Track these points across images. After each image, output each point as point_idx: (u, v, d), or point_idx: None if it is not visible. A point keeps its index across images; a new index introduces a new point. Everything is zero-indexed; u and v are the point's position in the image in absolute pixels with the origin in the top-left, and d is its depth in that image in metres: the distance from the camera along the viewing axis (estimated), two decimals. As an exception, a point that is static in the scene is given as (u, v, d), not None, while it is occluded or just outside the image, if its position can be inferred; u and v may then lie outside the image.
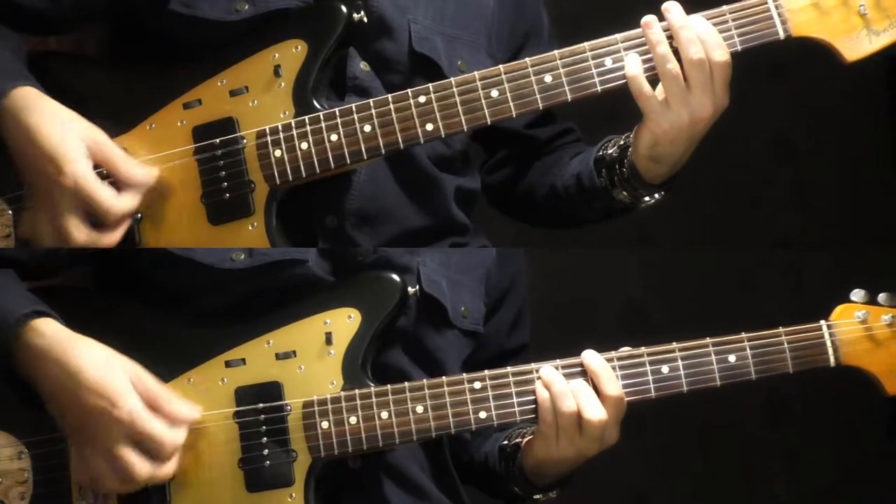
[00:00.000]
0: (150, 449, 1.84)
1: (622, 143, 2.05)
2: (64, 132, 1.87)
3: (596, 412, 1.91)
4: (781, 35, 1.94)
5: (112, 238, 1.90)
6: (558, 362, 1.94)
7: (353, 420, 1.90)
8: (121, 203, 1.89)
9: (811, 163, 3.69)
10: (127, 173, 1.90)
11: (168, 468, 1.86)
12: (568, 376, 1.93)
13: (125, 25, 2.05)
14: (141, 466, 1.84)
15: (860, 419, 3.44)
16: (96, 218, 1.88)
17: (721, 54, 1.92)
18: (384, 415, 1.90)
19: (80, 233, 1.87)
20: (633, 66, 1.93)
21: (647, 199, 2.07)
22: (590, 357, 1.94)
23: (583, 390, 1.92)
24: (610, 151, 2.07)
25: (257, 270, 1.94)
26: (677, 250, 3.47)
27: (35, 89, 1.90)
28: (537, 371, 1.93)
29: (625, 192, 2.06)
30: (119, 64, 2.06)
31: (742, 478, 3.59)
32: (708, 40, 1.91)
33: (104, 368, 1.84)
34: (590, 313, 3.39)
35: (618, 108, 1.99)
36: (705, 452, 3.53)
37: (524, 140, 2.23)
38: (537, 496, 2.04)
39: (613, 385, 1.92)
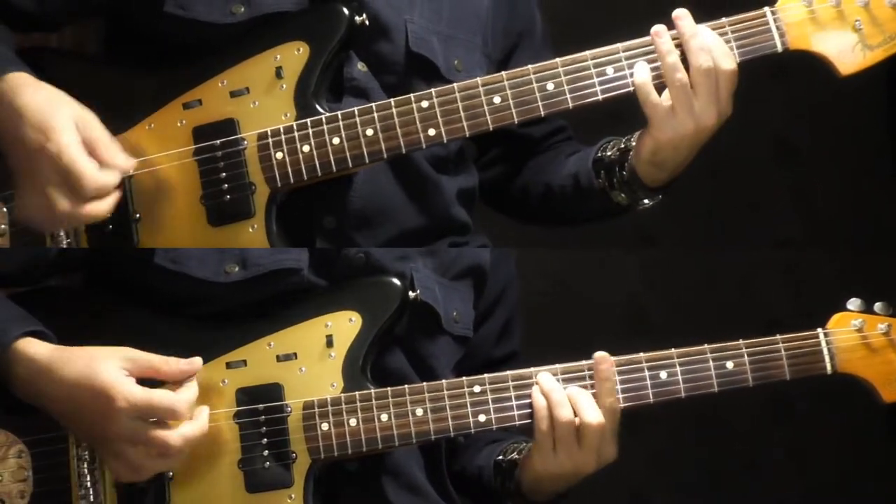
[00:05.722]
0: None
1: (622, 145, 2.06)
2: (54, 107, 1.84)
3: (594, 415, 1.92)
4: (780, 48, 1.96)
5: (95, 209, 1.84)
6: (557, 367, 1.95)
7: (352, 422, 1.91)
8: (100, 176, 1.84)
9: (811, 163, 3.68)
10: (107, 154, 1.85)
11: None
12: (567, 381, 1.94)
13: (122, 25, 2.05)
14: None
15: (863, 418, 3.44)
16: (78, 190, 1.83)
17: (729, 63, 1.94)
18: (384, 417, 1.91)
19: (63, 202, 1.82)
20: (642, 74, 1.94)
21: (645, 201, 2.08)
22: (601, 364, 1.94)
23: (580, 395, 1.93)
24: (609, 153, 2.08)
25: (252, 282, 1.94)
26: (678, 251, 3.47)
27: (28, 74, 1.88)
28: (536, 376, 1.94)
29: (623, 195, 2.07)
30: (118, 63, 2.05)
31: (745, 478, 3.59)
32: (716, 49, 1.93)
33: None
34: (590, 313, 3.39)
35: (621, 109, 2.00)
36: (707, 452, 3.53)
37: (518, 138, 2.22)
38: None
39: (611, 397, 1.93)
